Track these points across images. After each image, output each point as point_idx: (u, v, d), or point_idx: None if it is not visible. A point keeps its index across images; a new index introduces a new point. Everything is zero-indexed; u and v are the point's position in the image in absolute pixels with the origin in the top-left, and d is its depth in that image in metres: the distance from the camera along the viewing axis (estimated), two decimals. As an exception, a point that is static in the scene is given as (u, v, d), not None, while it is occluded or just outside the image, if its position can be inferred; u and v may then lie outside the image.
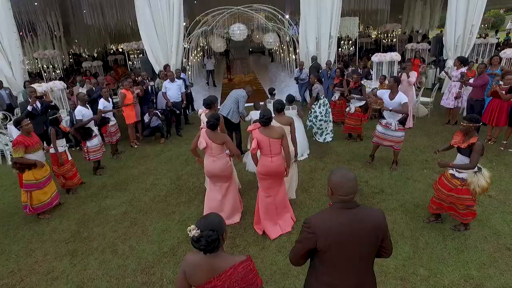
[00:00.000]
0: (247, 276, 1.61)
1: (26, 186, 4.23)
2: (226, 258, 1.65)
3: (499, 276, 3.02)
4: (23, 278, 3.40)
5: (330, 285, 1.76)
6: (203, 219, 1.66)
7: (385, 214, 3.96)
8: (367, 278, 1.82)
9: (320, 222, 1.72)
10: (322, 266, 1.77)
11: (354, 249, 1.71)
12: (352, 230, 1.68)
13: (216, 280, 1.60)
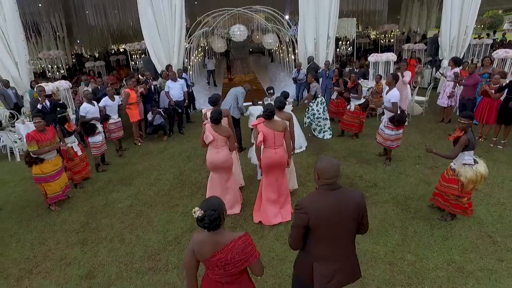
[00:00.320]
0: (246, 249, 1.86)
1: (35, 179, 4.50)
2: (227, 234, 1.90)
3: (479, 260, 3.27)
4: (38, 264, 3.66)
5: (320, 257, 2.02)
6: (205, 201, 1.91)
7: (378, 206, 4.27)
8: (351, 250, 2.10)
9: (310, 203, 1.97)
10: (313, 242, 2.02)
11: (340, 225, 1.96)
12: (338, 209, 1.94)
13: (220, 253, 1.84)
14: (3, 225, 4.45)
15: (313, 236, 2.01)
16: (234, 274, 1.89)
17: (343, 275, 2.07)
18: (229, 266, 1.84)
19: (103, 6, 13.42)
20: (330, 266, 2.02)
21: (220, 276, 1.88)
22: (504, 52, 7.62)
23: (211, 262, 1.85)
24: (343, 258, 2.05)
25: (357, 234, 2.11)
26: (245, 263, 1.86)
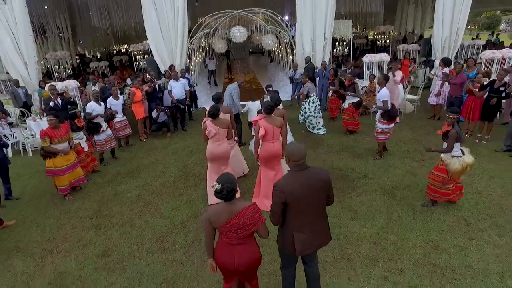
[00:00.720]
0: (255, 215, 2.27)
1: (47, 172, 4.92)
2: (239, 203, 2.31)
3: (452, 239, 3.68)
4: (58, 245, 4.07)
5: (298, 227, 2.44)
6: (221, 177, 2.30)
7: (366, 194, 4.68)
8: (322, 219, 2.54)
9: (285, 183, 2.38)
10: (291, 215, 2.43)
11: (311, 199, 2.39)
12: (308, 185, 2.36)
13: (234, 219, 2.25)
14: (22, 212, 4.87)
15: (290, 210, 2.40)
16: (245, 237, 2.31)
17: (318, 239, 2.50)
18: (241, 230, 2.25)
19: (107, 7, 13.83)
20: (308, 233, 2.44)
21: (232, 239, 2.30)
22: (491, 53, 8.02)
23: (225, 227, 2.25)
24: (316, 226, 2.48)
25: (326, 206, 2.54)
26: (253, 227, 2.27)
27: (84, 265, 3.69)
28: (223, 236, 2.34)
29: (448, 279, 3.16)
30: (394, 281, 3.17)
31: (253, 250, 2.39)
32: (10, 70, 9.30)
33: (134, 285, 3.36)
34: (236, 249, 2.32)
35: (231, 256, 2.33)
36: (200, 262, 3.60)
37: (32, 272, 3.64)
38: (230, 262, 2.34)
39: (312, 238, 2.46)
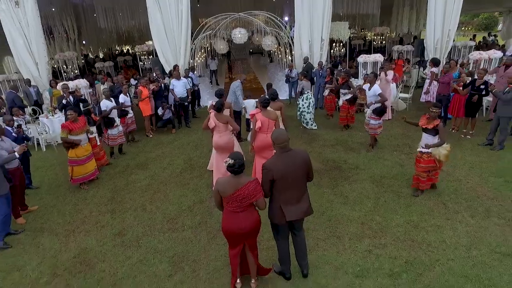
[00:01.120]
0: (256, 188, 2.77)
1: (69, 162, 5.40)
2: (245, 177, 2.80)
3: (431, 219, 4.17)
4: (78, 226, 4.56)
5: (285, 200, 2.93)
6: (233, 154, 2.78)
7: (357, 183, 5.17)
8: (304, 192, 3.02)
9: (271, 164, 2.88)
10: (277, 190, 2.92)
11: (294, 175, 2.87)
12: (291, 164, 2.85)
13: (240, 190, 2.74)
14: (43, 200, 5.35)
15: (277, 186, 2.89)
16: (246, 206, 2.79)
17: (301, 209, 2.98)
18: (244, 200, 2.75)
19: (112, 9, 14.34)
20: (292, 204, 2.93)
21: (236, 207, 2.79)
22: (478, 54, 8.51)
23: (232, 197, 2.74)
24: (299, 198, 2.97)
25: (307, 182, 3.05)
26: (254, 198, 2.77)
27: (103, 242, 4.18)
28: (228, 205, 2.82)
29: (424, 251, 3.64)
30: (377, 254, 3.65)
31: (254, 215, 2.88)
32: (22, 70, 9.81)
33: (149, 258, 3.84)
34: (240, 215, 2.81)
35: (237, 221, 2.82)
36: (207, 240, 4.08)
37: (58, 248, 4.13)
38: (236, 227, 2.83)
39: (296, 208, 2.95)
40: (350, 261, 3.56)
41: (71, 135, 5.29)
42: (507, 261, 3.41)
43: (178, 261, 3.74)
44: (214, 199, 2.89)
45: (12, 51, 9.60)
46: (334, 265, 3.52)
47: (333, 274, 3.40)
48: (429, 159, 4.48)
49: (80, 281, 3.55)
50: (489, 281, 3.18)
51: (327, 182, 5.29)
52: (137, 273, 3.60)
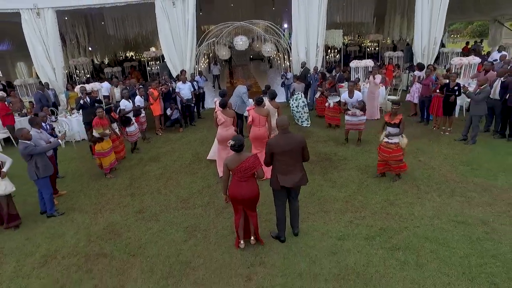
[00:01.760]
0: (255, 161, 3.59)
1: (97, 154, 6.24)
2: (245, 154, 3.64)
3: (404, 198, 4.97)
4: (103, 206, 5.36)
5: (280, 170, 3.74)
6: (234, 137, 3.61)
7: (345, 171, 5.98)
8: (299, 168, 3.83)
9: (273, 141, 3.74)
10: (278, 162, 3.75)
11: (290, 152, 3.70)
12: (288, 143, 3.69)
13: (242, 163, 3.56)
14: (69, 186, 6.16)
15: (276, 159, 3.74)
16: (248, 176, 3.62)
17: (294, 180, 3.78)
18: (246, 170, 3.57)
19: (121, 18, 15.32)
20: (287, 175, 3.75)
21: (240, 177, 3.61)
22: (459, 59, 9.38)
23: (237, 169, 3.57)
24: (294, 171, 3.78)
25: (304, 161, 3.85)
26: (254, 169, 3.59)
27: (127, 218, 4.98)
28: (235, 176, 3.64)
29: (396, 221, 4.43)
30: (356, 223, 4.45)
31: (254, 185, 3.70)
32: (40, 74, 10.71)
33: (167, 229, 4.63)
34: (243, 184, 3.63)
35: (240, 189, 3.63)
36: (215, 215, 4.88)
37: (89, 222, 4.93)
38: (239, 193, 3.65)
39: (289, 178, 3.76)
40: (334, 229, 4.36)
41: (98, 131, 6.13)
42: (460, 227, 4.21)
43: (191, 230, 4.53)
44: (223, 173, 3.71)
45: (32, 57, 10.51)
46: (321, 231, 4.31)
47: (319, 238, 4.19)
48: (397, 148, 5.31)
49: (111, 245, 4.35)
50: (443, 240, 3.97)
51: (318, 170, 6.10)
52: (158, 239, 4.40)
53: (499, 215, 4.42)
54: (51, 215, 5.10)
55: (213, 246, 4.17)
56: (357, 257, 3.81)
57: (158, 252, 4.15)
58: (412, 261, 3.69)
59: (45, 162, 4.86)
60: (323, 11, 10.38)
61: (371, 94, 8.64)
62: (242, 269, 3.73)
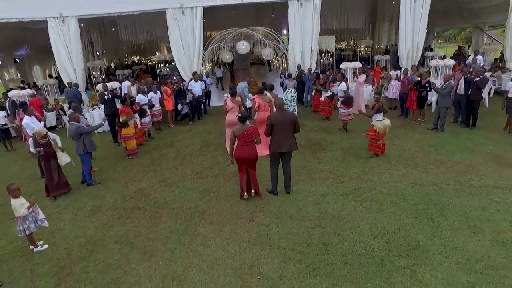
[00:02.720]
0: (255, 131, 4.91)
1: (123, 138, 7.53)
2: (247, 124, 4.93)
3: (377, 169, 6.23)
4: (131, 178, 6.62)
5: (277, 138, 5.03)
6: (240, 112, 4.92)
7: (332, 151, 7.35)
8: (291, 137, 5.10)
9: (273, 116, 5.08)
10: (276, 132, 5.03)
11: (285, 126, 4.99)
12: (283, 118, 5.00)
13: (246, 131, 4.86)
14: (100, 165, 7.41)
15: (274, 129, 5.02)
16: (250, 142, 4.91)
17: (287, 146, 5.05)
18: (248, 137, 4.87)
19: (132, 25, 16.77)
20: (282, 142, 5.02)
21: (243, 142, 4.89)
22: (436, 61, 10.73)
23: (241, 136, 4.86)
24: (286, 140, 5.05)
25: (295, 133, 5.14)
26: (253, 136, 4.89)
27: (152, 185, 6.23)
28: (239, 141, 4.92)
29: (367, 184, 5.69)
30: (336, 186, 5.70)
31: (254, 149, 4.98)
32: (62, 75, 12.05)
33: (186, 191, 5.88)
34: (245, 148, 4.91)
35: (244, 151, 4.91)
36: (224, 182, 6.12)
37: (122, 188, 6.19)
38: (243, 155, 4.93)
39: (284, 144, 5.04)
40: (318, 189, 5.61)
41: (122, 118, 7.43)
42: (417, 187, 5.46)
43: (205, 192, 5.79)
44: (230, 139, 4.99)
45: (56, 60, 11.84)
46: (307, 191, 5.56)
47: (306, 194, 5.44)
48: (371, 128, 6.60)
49: (143, 202, 5.60)
50: (401, 195, 5.22)
51: (309, 151, 7.37)
52: (179, 198, 5.65)
53: (448, 179, 5.68)
54: (90, 184, 6.37)
55: (223, 201, 5.43)
56: (334, 206, 5.06)
57: (180, 205, 5.40)
58: (375, 208, 4.94)
59: (90, 140, 6.16)
60: (316, 19, 11.76)
61: (356, 91, 9.95)
62: (246, 214, 4.98)
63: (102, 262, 4.15)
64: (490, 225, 4.35)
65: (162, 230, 4.75)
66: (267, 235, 4.44)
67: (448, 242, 4.07)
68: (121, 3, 11.42)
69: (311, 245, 4.18)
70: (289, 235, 4.40)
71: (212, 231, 4.64)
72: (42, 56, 18.15)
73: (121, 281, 3.81)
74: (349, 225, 4.55)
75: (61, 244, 4.59)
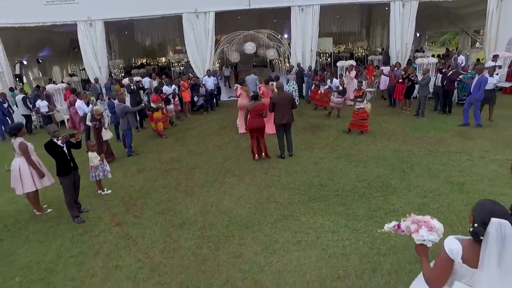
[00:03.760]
0: (263, 106, 6.52)
1: (155, 119, 9.10)
2: (258, 102, 6.53)
3: (365, 142, 7.79)
4: (163, 151, 8.16)
5: (278, 113, 6.63)
6: (254, 91, 6.51)
7: (329, 131, 8.94)
8: (290, 112, 6.71)
9: (274, 95, 6.74)
10: (277, 109, 6.63)
11: (283, 102, 6.59)
12: (283, 97, 6.64)
13: (257, 106, 6.46)
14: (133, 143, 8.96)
15: (276, 107, 6.62)
16: (259, 115, 6.51)
17: (286, 118, 6.63)
18: (257, 111, 6.49)
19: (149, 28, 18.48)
20: (282, 115, 6.61)
21: (254, 115, 6.49)
22: (421, 59, 12.37)
23: (253, 110, 6.46)
24: (285, 114, 6.63)
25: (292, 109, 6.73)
26: (262, 110, 6.49)
27: (182, 154, 7.78)
28: (251, 114, 6.50)
29: (356, 151, 7.22)
30: (331, 152, 7.23)
31: (262, 121, 6.56)
32: (88, 72, 13.68)
33: (210, 158, 7.42)
34: (255, 119, 6.50)
35: (254, 122, 6.50)
36: (240, 152, 7.65)
37: (157, 157, 7.73)
38: (254, 125, 6.52)
39: (284, 117, 6.61)
40: (317, 155, 7.15)
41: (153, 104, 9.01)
42: (396, 152, 7.00)
43: (227, 158, 7.33)
44: (244, 113, 6.56)
45: (84, 59, 13.48)
46: (308, 156, 7.10)
47: (307, 158, 6.98)
48: (363, 111, 8.19)
49: (177, 165, 7.13)
50: (382, 157, 6.77)
51: (309, 132, 8.93)
52: (206, 162, 7.18)
53: (420, 148, 7.23)
54: (130, 155, 7.89)
55: (242, 163, 6.96)
56: (329, 164, 6.60)
57: (208, 167, 6.94)
58: (361, 165, 6.47)
59: (133, 118, 7.74)
60: (315, 22, 13.43)
61: (348, 85, 11.55)
62: (261, 170, 6.51)
63: (156, 199, 5.67)
64: (445, 173, 5.89)
65: (197, 180, 6.29)
66: (279, 181, 5.97)
67: (412, 183, 5.61)
68: (142, 8, 13.09)
69: (312, 186, 5.71)
70: (295, 181, 5.93)
71: (236, 180, 6.17)
72: (60, 58, 19.86)
73: (173, 208, 5.33)
74: (341, 175, 6.09)
75: (120, 190, 6.11)
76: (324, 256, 3.90)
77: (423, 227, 1.96)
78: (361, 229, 4.37)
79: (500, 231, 1.60)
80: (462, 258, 1.75)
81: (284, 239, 4.29)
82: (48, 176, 5.35)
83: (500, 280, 1.64)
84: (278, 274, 3.67)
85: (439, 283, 1.83)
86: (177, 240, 4.44)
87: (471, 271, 1.75)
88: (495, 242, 1.62)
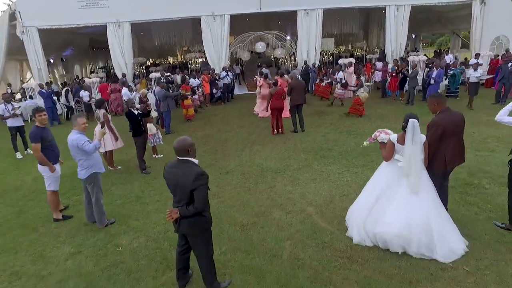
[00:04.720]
0: (282, 91, 8.38)
1: (186, 106, 10.93)
2: (279, 87, 8.39)
3: (362, 121, 9.63)
4: (195, 130, 9.97)
5: (295, 96, 8.50)
6: (273, 80, 8.38)
7: (332, 116, 10.94)
8: (304, 96, 8.67)
9: (292, 82, 8.71)
10: (293, 92, 8.52)
11: (300, 89, 8.51)
12: (299, 84, 8.60)
13: (278, 90, 8.36)
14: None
15: (293, 91, 8.50)
16: (280, 97, 8.39)
17: (300, 100, 8.52)
18: (279, 94, 8.39)
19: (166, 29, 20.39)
20: (298, 98, 8.48)
21: (276, 98, 8.36)
22: (412, 57, 14.27)
23: (275, 93, 8.33)
24: (301, 96, 8.51)
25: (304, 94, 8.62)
26: (282, 93, 8.38)
27: (212, 132, 9.59)
28: (274, 97, 8.34)
29: (354, 128, 9.05)
30: (335, 129, 9.06)
31: (282, 102, 8.43)
32: (116, 68, 15.51)
33: (237, 133, 9.23)
34: (277, 101, 8.35)
35: (276, 103, 8.36)
36: (259, 132, 9.45)
37: (192, 134, 9.54)
38: (276, 105, 8.37)
39: (299, 99, 8.47)
40: (323, 131, 8.98)
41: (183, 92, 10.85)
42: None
43: (251, 133, 9.16)
44: (267, 97, 8.39)
45: (112, 57, 15.33)
46: (316, 131, 8.92)
47: (315, 133, 8.81)
48: (357, 97, 10.05)
49: (210, 139, 8.94)
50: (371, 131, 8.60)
51: (316, 116, 10.77)
52: (234, 137, 9.00)
53: (407, 125, 9.06)
54: (168, 133, 9.68)
55: (263, 137, 8.78)
56: (334, 137, 8.42)
57: (237, 139, 8.77)
58: (359, 137, 8.27)
59: (172, 102, 9.55)
60: (319, 23, 15.34)
61: (347, 79, 13.43)
62: (280, 141, 8.33)
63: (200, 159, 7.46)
64: (425, 140, 7.71)
65: (230, 148, 8.10)
66: (295, 147, 7.80)
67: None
68: (164, 11, 14.95)
69: (321, 149, 7.53)
70: (308, 146, 7.75)
71: (261, 148, 7.98)
72: (82, 57, 21.72)
73: (216, 164, 7.12)
74: (343, 143, 7.91)
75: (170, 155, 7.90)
76: (333, 185, 5.71)
77: (382, 133, 3.83)
78: (359, 172, 6.19)
79: (412, 124, 3.47)
80: (397, 141, 3.61)
81: (304, 177, 6.10)
82: (120, 140, 7.14)
83: (413, 150, 3.51)
84: (302, 195, 5.47)
85: (389, 157, 3.71)
86: (226, 179, 6.24)
87: (401, 147, 3.62)
88: (410, 130, 3.50)
